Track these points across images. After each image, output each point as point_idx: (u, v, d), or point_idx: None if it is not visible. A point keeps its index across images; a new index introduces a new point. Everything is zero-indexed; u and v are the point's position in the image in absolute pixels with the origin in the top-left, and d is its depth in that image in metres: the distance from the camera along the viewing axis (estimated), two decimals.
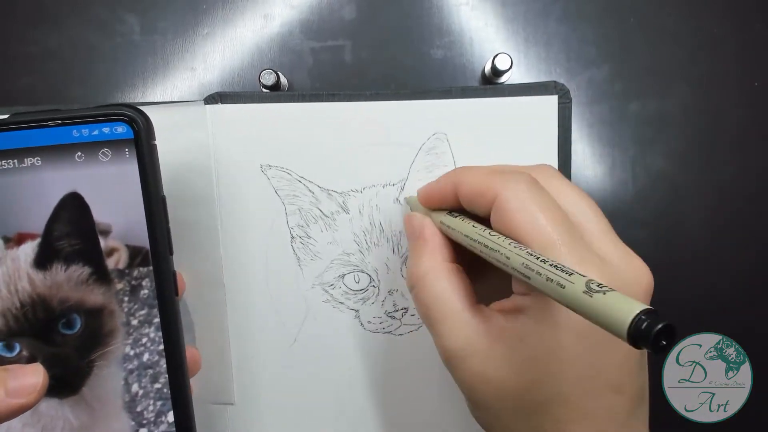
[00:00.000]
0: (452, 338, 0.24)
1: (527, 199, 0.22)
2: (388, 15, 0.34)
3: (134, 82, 0.34)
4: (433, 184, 0.27)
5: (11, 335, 0.24)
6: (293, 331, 0.32)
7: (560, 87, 0.31)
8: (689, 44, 0.34)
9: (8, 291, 0.24)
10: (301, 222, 0.31)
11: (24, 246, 0.24)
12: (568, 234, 0.22)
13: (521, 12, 0.34)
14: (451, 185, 0.26)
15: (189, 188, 0.30)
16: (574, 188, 0.25)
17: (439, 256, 0.26)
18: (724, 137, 0.34)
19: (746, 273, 0.34)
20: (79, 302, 0.25)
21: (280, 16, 0.34)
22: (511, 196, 0.23)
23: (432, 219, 0.27)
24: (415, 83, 0.33)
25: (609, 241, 0.23)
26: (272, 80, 0.31)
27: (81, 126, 0.24)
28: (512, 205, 0.23)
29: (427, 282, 0.25)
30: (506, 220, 0.23)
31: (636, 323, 0.15)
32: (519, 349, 0.22)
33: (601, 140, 0.34)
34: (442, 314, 0.24)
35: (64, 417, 0.25)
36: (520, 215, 0.22)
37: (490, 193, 0.23)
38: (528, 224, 0.22)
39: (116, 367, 0.25)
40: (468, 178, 0.25)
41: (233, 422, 0.32)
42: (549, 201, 0.23)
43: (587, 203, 0.24)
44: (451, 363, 0.24)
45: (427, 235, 0.26)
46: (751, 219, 0.34)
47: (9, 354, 0.24)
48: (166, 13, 0.34)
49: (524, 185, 0.23)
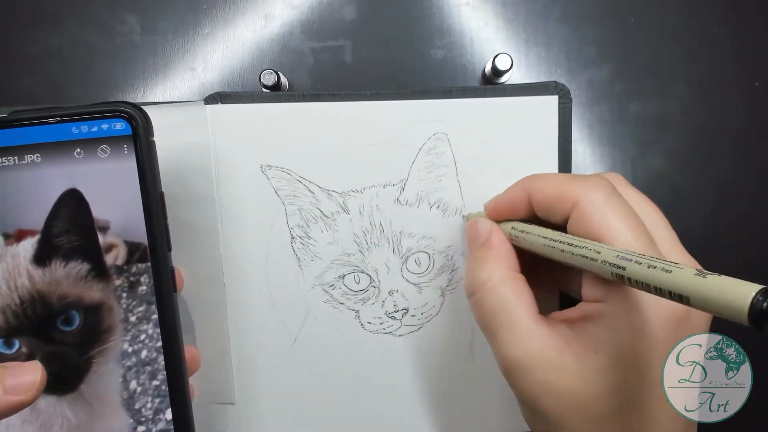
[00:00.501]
0: (516, 348, 0.23)
1: (608, 207, 0.22)
2: (388, 15, 0.34)
3: (134, 82, 0.34)
4: (500, 195, 0.27)
5: (10, 332, 0.24)
6: (293, 332, 0.32)
7: (560, 87, 0.31)
8: (689, 44, 0.34)
9: (8, 287, 0.24)
10: (301, 222, 0.31)
11: (23, 242, 0.24)
12: (648, 244, 0.22)
13: (521, 12, 0.34)
14: (524, 192, 0.25)
15: (189, 188, 0.30)
16: (646, 198, 0.25)
17: (504, 263, 0.25)
18: (725, 137, 0.34)
19: (746, 273, 0.34)
20: (78, 299, 0.25)
21: (281, 16, 0.34)
22: (593, 203, 0.23)
23: (502, 228, 0.27)
24: (416, 83, 0.33)
25: (680, 254, 0.24)
26: (272, 80, 0.31)
27: (80, 123, 0.24)
28: (594, 211, 0.22)
29: (491, 288, 0.24)
30: (588, 226, 0.22)
31: (755, 303, 0.15)
32: (591, 360, 0.22)
33: (602, 140, 0.34)
34: (505, 322, 0.24)
35: (63, 414, 0.25)
36: (602, 223, 0.22)
37: (570, 200, 0.23)
38: (611, 232, 0.22)
39: (115, 364, 0.25)
40: (544, 185, 0.25)
41: (233, 422, 0.32)
42: (629, 210, 0.23)
43: (659, 215, 0.24)
44: (513, 373, 0.23)
45: (495, 241, 0.26)
46: (751, 219, 0.34)
47: (8, 351, 0.24)
48: (166, 13, 0.34)
49: (604, 192, 0.23)
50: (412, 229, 0.31)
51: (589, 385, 0.22)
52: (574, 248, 0.22)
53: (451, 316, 0.32)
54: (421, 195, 0.31)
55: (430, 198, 0.31)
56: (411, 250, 0.31)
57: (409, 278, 0.31)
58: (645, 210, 0.24)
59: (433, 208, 0.31)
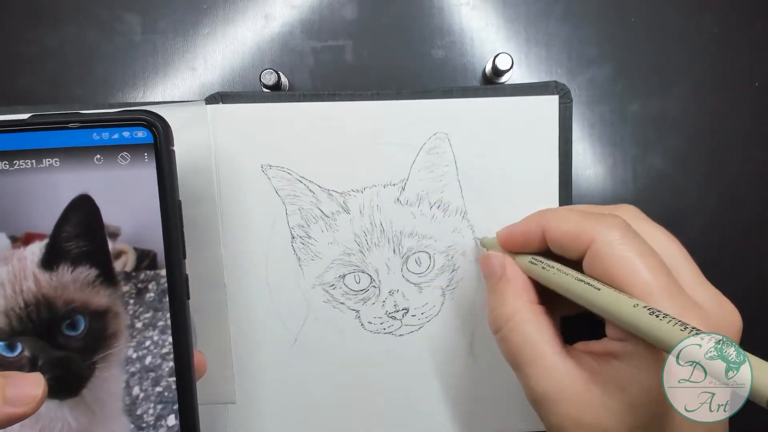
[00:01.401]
0: (544, 382, 0.23)
1: (624, 245, 0.22)
2: (389, 15, 0.33)
3: (135, 82, 0.34)
4: (515, 227, 0.27)
5: (14, 335, 0.24)
6: (294, 331, 0.32)
7: (561, 87, 0.31)
8: (690, 44, 0.34)
9: (13, 290, 0.24)
10: (302, 222, 0.31)
11: (31, 246, 0.24)
12: (667, 281, 0.22)
13: (522, 12, 0.34)
14: (538, 228, 0.26)
15: (190, 188, 0.30)
16: (662, 230, 0.25)
17: (525, 297, 0.26)
18: (725, 137, 0.34)
19: (746, 273, 0.34)
20: (84, 304, 0.25)
21: (281, 16, 0.34)
22: (608, 243, 0.23)
23: (517, 261, 0.27)
24: (416, 83, 0.33)
25: (701, 285, 0.24)
26: (273, 80, 0.31)
27: (101, 129, 0.24)
28: (610, 251, 0.23)
29: (516, 324, 0.25)
30: (604, 266, 0.23)
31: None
32: (619, 396, 0.22)
33: (602, 140, 0.34)
34: (532, 357, 0.24)
35: (63, 418, 0.25)
36: (619, 262, 0.22)
37: (585, 238, 0.23)
38: (628, 272, 0.22)
39: (118, 369, 0.25)
40: (559, 222, 0.25)
41: (233, 422, 0.32)
42: (645, 247, 0.23)
43: (677, 246, 0.24)
44: (541, 406, 0.24)
45: (510, 274, 0.26)
46: (752, 219, 0.34)
47: (10, 354, 0.24)
48: (166, 12, 0.34)
49: (619, 231, 0.23)
50: (412, 229, 0.31)
51: (618, 421, 0.22)
52: (594, 298, 0.22)
53: (451, 316, 0.32)
54: (422, 195, 0.31)
55: (430, 198, 0.31)
56: (411, 250, 0.31)
57: (409, 278, 0.31)
58: (662, 243, 0.24)
59: (433, 207, 0.31)
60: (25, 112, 0.29)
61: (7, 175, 0.24)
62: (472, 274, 0.32)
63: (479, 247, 0.31)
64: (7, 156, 0.24)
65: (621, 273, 0.22)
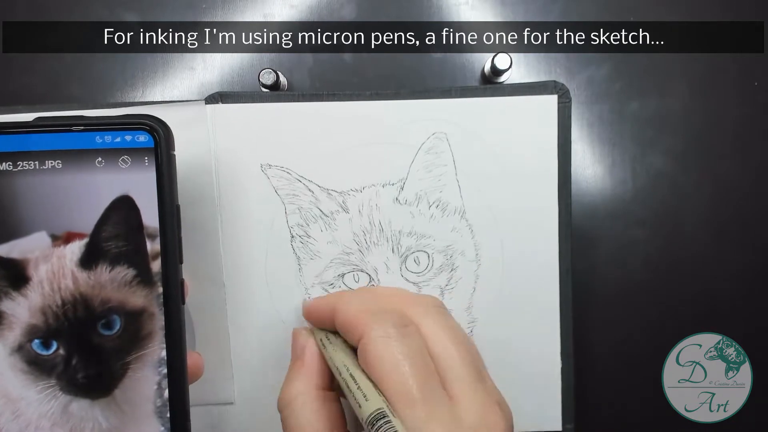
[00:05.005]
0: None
1: (387, 347, 0.24)
2: (388, 15, 0.34)
3: (134, 81, 0.34)
4: (318, 301, 0.29)
5: (49, 333, 0.24)
6: None
7: (560, 86, 0.31)
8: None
9: (51, 288, 0.24)
10: (301, 221, 0.31)
11: (71, 245, 0.25)
12: (423, 385, 0.23)
13: (521, 11, 0.34)
14: (330, 311, 0.27)
15: (189, 187, 0.31)
16: (448, 330, 0.26)
17: (313, 381, 0.27)
18: (724, 137, 0.34)
19: (746, 273, 0.34)
20: (121, 304, 0.25)
21: (280, 16, 0.34)
22: (373, 341, 0.24)
23: (315, 337, 0.28)
24: (415, 83, 0.33)
25: (467, 386, 0.24)
26: (272, 80, 0.31)
27: (104, 133, 0.24)
28: (373, 350, 0.24)
29: (295, 408, 0.26)
30: (367, 363, 0.24)
31: None
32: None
33: (601, 140, 0.34)
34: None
35: (94, 418, 0.25)
36: (379, 363, 0.24)
37: (358, 332, 0.25)
38: (386, 373, 0.23)
39: (151, 370, 0.25)
40: (343, 308, 0.26)
41: (233, 422, 0.32)
42: (410, 349, 0.24)
43: (455, 347, 0.25)
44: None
45: (307, 358, 0.27)
46: (751, 218, 0.34)
47: (45, 352, 0.24)
48: (165, 12, 0.34)
49: (387, 332, 0.24)
50: (411, 229, 0.31)
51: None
52: (348, 392, 0.24)
53: None
54: (421, 194, 0.31)
55: (429, 197, 0.31)
56: (410, 250, 0.31)
57: (408, 277, 0.31)
58: (440, 343, 0.25)
59: (432, 207, 0.31)
60: (24, 111, 0.30)
61: (8, 176, 0.24)
62: (471, 273, 0.32)
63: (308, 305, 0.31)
64: (10, 157, 0.24)
65: (380, 374, 0.23)
